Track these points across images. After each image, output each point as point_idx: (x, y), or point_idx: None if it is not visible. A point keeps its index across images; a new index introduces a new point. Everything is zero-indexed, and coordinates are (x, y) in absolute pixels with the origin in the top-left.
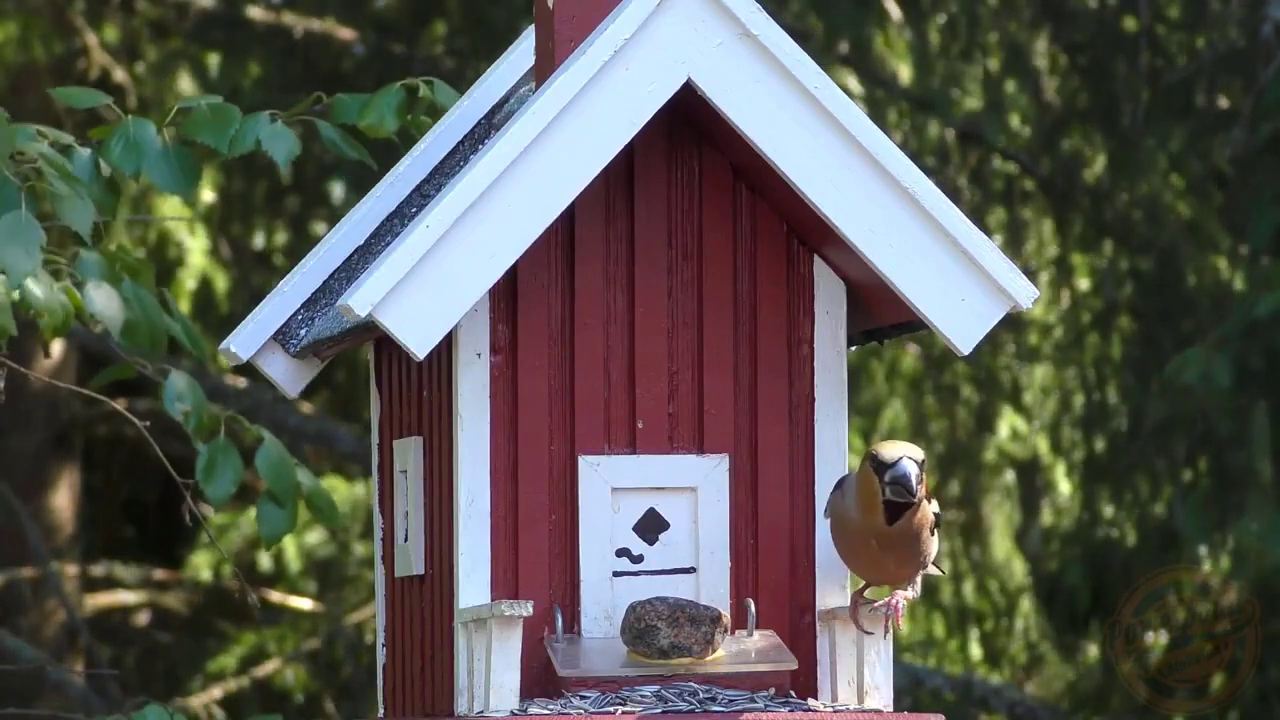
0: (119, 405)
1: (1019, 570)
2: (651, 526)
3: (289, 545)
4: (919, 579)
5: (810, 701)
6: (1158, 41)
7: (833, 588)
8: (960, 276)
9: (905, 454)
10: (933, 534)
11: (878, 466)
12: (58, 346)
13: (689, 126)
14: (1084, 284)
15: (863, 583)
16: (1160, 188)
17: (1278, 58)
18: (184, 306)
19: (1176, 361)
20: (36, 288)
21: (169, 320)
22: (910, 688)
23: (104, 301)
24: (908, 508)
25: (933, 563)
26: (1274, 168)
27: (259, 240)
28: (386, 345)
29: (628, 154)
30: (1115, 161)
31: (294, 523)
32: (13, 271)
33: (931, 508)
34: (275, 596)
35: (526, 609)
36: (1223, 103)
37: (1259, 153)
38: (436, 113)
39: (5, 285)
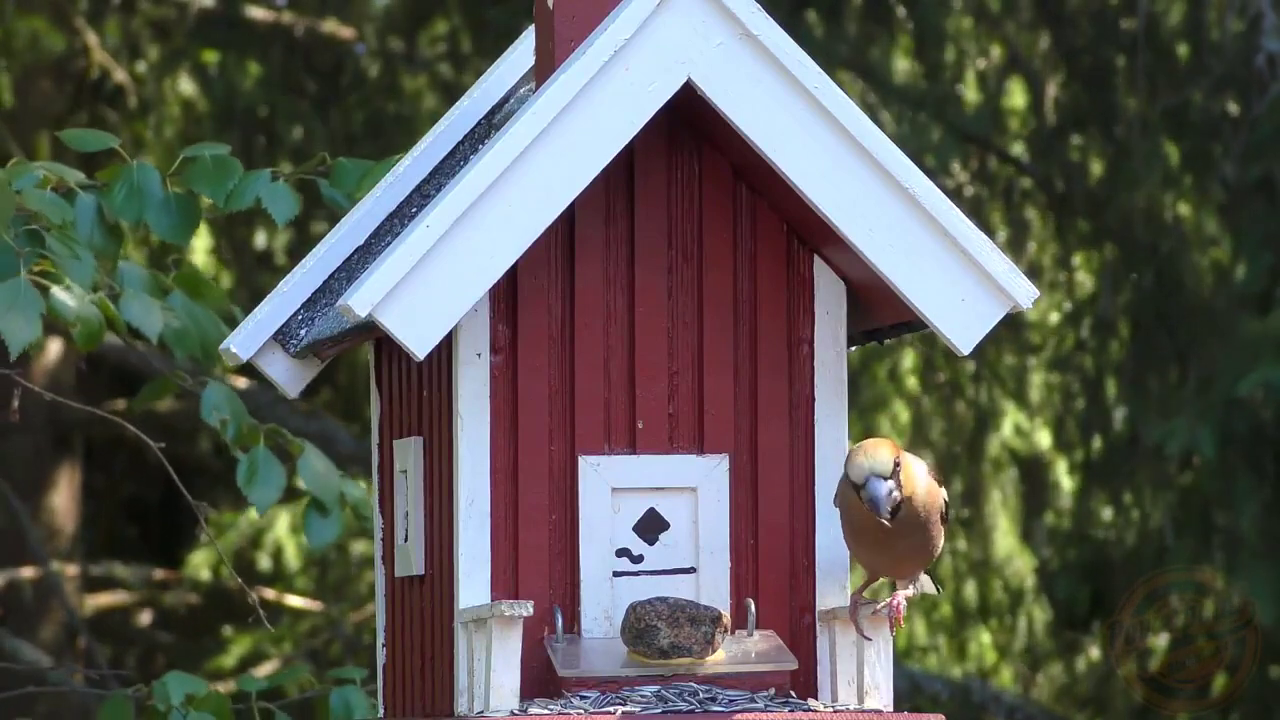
0: (114, 411)
1: (1023, 567)
2: (651, 526)
3: (288, 545)
4: (921, 576)
5: (810, 701)
6: (1159, 42)
7: (833, 588)
8: (960, 276)
9: (871, 472)
10: (944, 521)
11: (852, 483)
12: (56, 346)
13: (689, 126)
14: (1086, 282)
15: (862, 581)
16: (1158, 193)
17: (1271, 91)
18: None
19: (1161, 432)
20: (68, 298)
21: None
22: (909, 693)
23: (140, 311)
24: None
25: (933, 583)
26: (1265, 210)
27: (260, 240)
28: (386, 345)
29: (628, 154)
30: (1114, 166)
31: (341, 528)
32: (13, 340)
33: (941, 493)
34: (274, 596)
35: (526, 609)
36: (1228, 109)
37: (1250, 192)
38: None
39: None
